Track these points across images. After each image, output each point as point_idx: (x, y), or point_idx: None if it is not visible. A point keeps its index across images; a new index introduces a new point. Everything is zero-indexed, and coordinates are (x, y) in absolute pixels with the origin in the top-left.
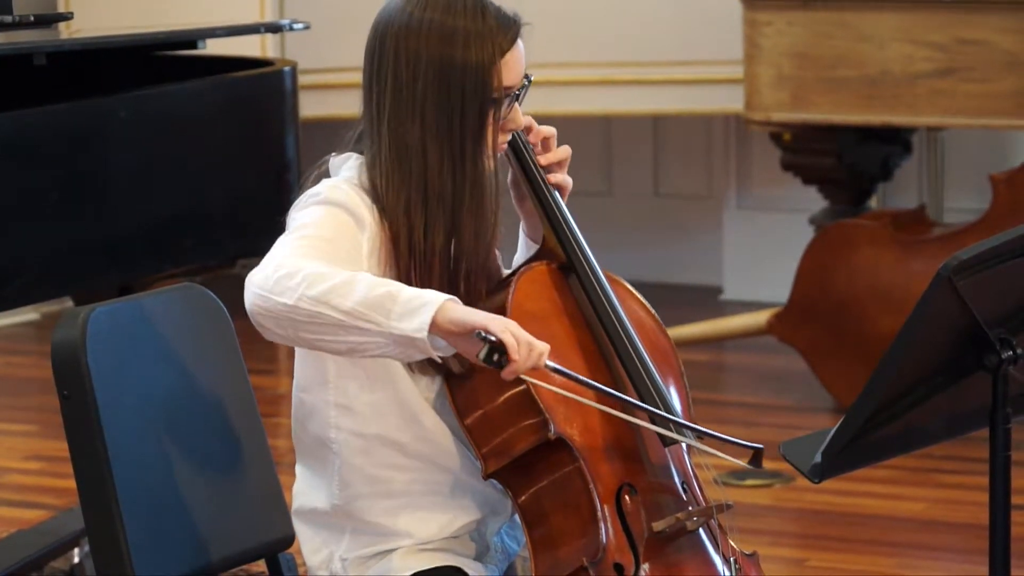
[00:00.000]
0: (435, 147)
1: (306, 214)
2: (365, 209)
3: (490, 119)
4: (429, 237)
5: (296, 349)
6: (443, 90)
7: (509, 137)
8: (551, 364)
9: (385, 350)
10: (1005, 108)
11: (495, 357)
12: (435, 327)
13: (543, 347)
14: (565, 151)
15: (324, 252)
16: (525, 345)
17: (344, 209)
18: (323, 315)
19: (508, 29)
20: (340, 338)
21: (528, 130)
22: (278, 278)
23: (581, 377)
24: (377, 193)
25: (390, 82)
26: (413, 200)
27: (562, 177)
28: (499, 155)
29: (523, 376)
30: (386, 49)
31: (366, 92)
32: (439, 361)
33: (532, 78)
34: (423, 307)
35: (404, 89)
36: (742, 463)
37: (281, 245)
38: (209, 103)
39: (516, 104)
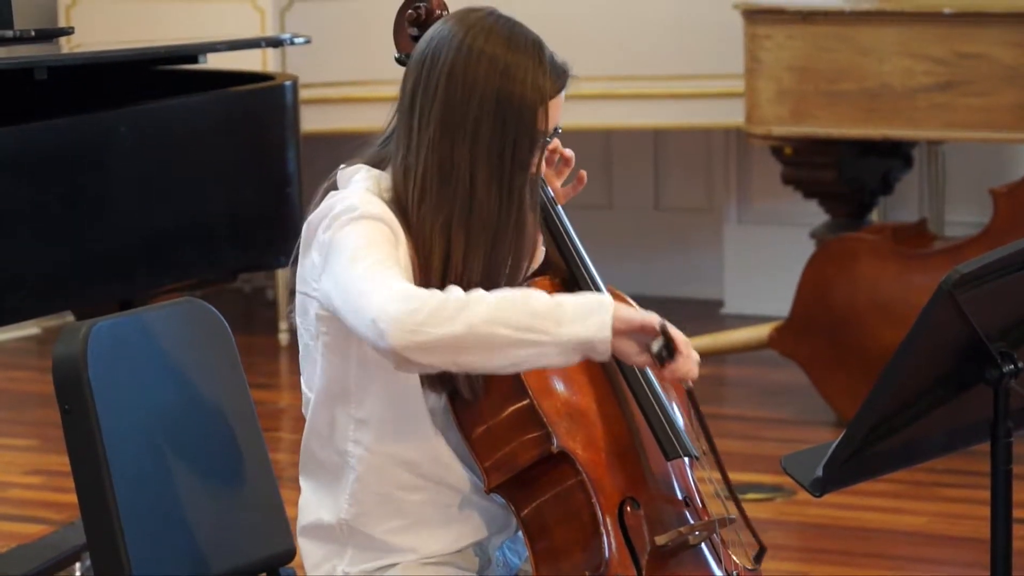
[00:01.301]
0: (484, 172)
1: (354, 234)
2: (395, 221)
3: (537, 154)
4: (469, 262)
5: (306, 365)
6: (499, 119)
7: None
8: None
9: (551, 359)
10: (1005, 121)
11: (664, 353)
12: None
13: (697, 357)
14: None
15: (401, 271)
16: (686, 346)
17: (384, 222)
18: (495, 335)
19: (560, 76)
20: (508, 354)
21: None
22: (431, 310)
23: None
24: (404, 206)
25: (439, 101)
26: (456, 220)
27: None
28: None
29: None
30: (438, 68)
31: (407, 104)
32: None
33: (561, 130)
34: (598, 308)
35: (457, 112)
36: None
37: (370, 276)
38: (210, 117)
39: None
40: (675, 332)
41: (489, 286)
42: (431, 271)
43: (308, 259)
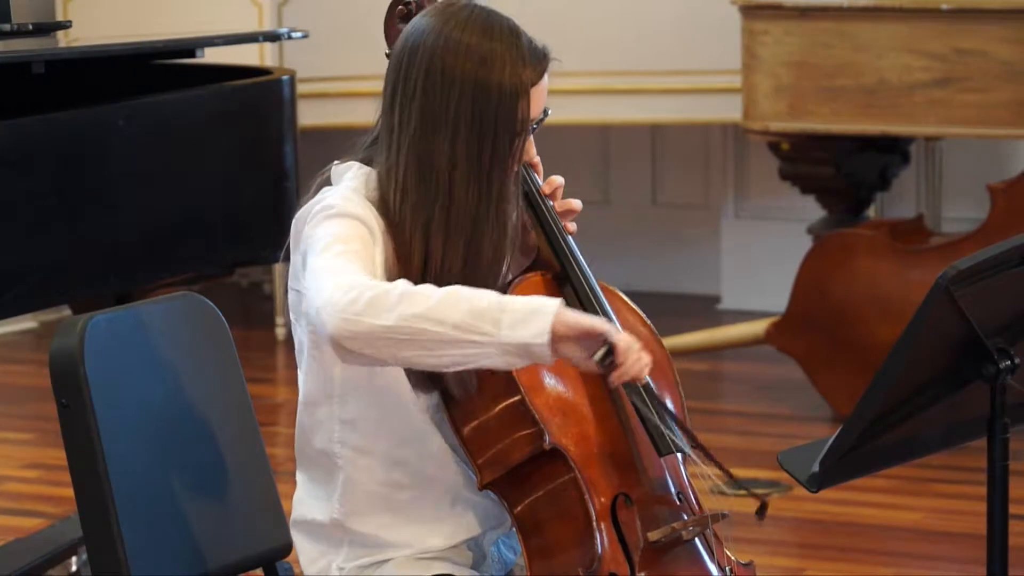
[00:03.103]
0: (463, 169)
1: (327, 228)
2: (375, 221)
3: (517, 146)
4: (447, 262)
5: (302, 362)
6: (476, 113)
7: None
8: (649, 381)
9: (493, 360)
10: (1003, 118)
11: (608, 360)
12: (552, 332)
13: (649, 357)
14: (577, 204)
15: (365, 266)
16: (636, 351)
17: (360, 221)
18: (428, 331)
19: (539, 61)
20: (445, 352)
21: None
22: (369, 299)
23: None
24: (387, 206)
25: (419, 97)
26: (436, 220)
27: (571, 227)
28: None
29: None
30: (416, 63)
31: (388, 103)
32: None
33: (550, 112)
34: (538, 312)
35: (436, 106)
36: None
37: (325, 267)
38: (207, 112)
39: (531, 136)
40: (619, 338)
41: (470, 283)
42: (411, 270)
43: (296, 256)
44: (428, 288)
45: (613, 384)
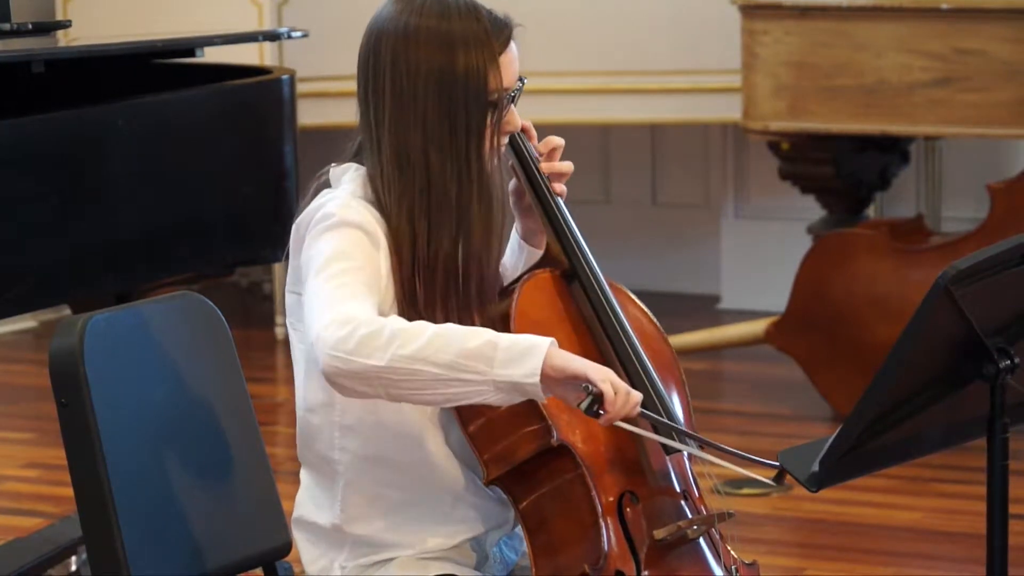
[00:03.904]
0: (437, 153)
1: (326, 243)
2: (377, 225)
3: (489, 121)
4: (433, 244)
5: (298, 367)
6: (443, 95)
7: (507, 139)
8: (641, 410)
9: (486, 397)
10: (1002, 117)
11: (595, 408)
12: (543, 373)
13: (637, 397)
14: (568, 166)
15: (365, 286)
16: (622, 395)
17: (361, 230)
18: (421, 372)
19: (501, 31)
20: (438, 391)
21: (528, 132)
22: (360, 338)
23: (669, 423)
24: (381, 204)
25: (388, 91)
26: (417, 208)
27: (560, 188)
28: (502, 159)
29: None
30: (382, 58)
31: (362, 103)
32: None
33: (526, 80)
34: (530, 351)
35: (404, 98)
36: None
37: (324, 293)
38: (207, 111)
39: (512, 106)
40: (605, 386)
41: (462, 268)
42: (403, 261)
43: (297, 261)
44: (420, 325)
45: (603, 425)
